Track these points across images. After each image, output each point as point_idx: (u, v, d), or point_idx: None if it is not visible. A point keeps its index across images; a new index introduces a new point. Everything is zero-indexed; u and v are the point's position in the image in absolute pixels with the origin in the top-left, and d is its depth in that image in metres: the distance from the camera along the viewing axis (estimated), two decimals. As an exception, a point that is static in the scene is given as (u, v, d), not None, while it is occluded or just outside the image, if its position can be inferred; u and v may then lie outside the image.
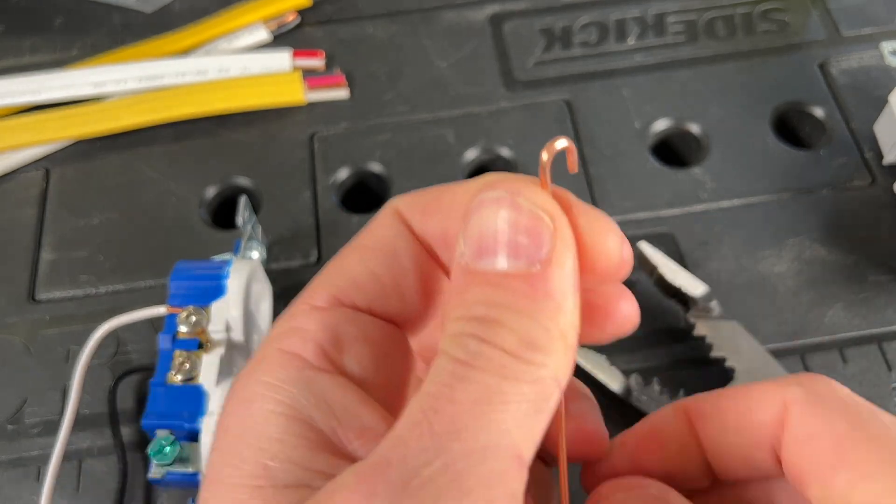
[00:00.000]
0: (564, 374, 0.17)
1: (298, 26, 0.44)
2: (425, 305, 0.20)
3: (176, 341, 0.29)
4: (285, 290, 0.35)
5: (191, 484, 0.29)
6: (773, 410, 0.19)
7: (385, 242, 0.20)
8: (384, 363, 0.19)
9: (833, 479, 0.17)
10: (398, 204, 0.20)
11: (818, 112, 0.39)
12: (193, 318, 0.29)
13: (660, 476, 0.20)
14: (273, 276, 0.36)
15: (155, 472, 0.28)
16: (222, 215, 0.39)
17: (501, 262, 0.17)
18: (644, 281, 0.34)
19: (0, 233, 0.38)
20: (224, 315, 0.30)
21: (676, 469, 0.20)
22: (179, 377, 0.28)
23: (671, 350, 0.33)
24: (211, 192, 0.39)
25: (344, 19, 0.44)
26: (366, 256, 0.19)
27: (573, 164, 0.19)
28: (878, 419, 0.18)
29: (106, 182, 0.39)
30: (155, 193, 0.38)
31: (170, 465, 0.28)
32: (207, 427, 0.28)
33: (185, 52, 0.43)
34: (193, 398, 0.28)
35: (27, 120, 0.40)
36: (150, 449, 0.28)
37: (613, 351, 0.33)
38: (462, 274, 0.17)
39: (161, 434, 0.28)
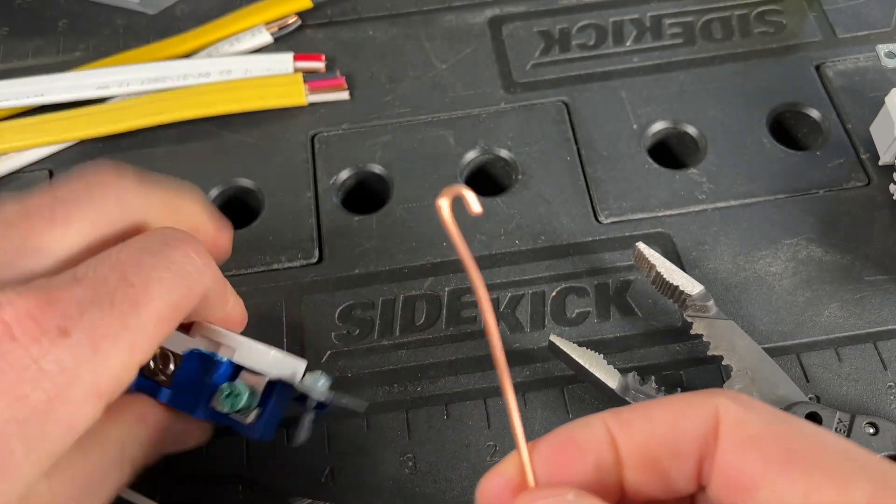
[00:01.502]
0: None
1: (299, 28, 0.44)
2: None
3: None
4: (286, 290, 0.36)
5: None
6: (705, 417, 0.19)
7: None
8: None
9: (787, 479, 0.17)
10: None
11: (814, 113, 0.40)
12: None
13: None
14: (273, 276, 0.36)
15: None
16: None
17: None
18: (641, 280, 0.35)
19: (4, 233, 0.38)
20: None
21: (589, 485, 0.19)
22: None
23: (668, 349, 0.33)
24: (213, 193, 0.39)
25: (344, 21, 0.45)
26: None
27: (472, 207, 0.20)
28: (807, 424, 0.18)
29: (109, 183, 0.39)
30: (157, 194, 0.39)
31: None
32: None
33: (188, 54, 0.43)
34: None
35: (31, 121, 0.41)
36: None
37: (611, 349, 0.33)
38: None
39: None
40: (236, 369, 0.27)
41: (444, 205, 0.19)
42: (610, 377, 0.31)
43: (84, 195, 0.24)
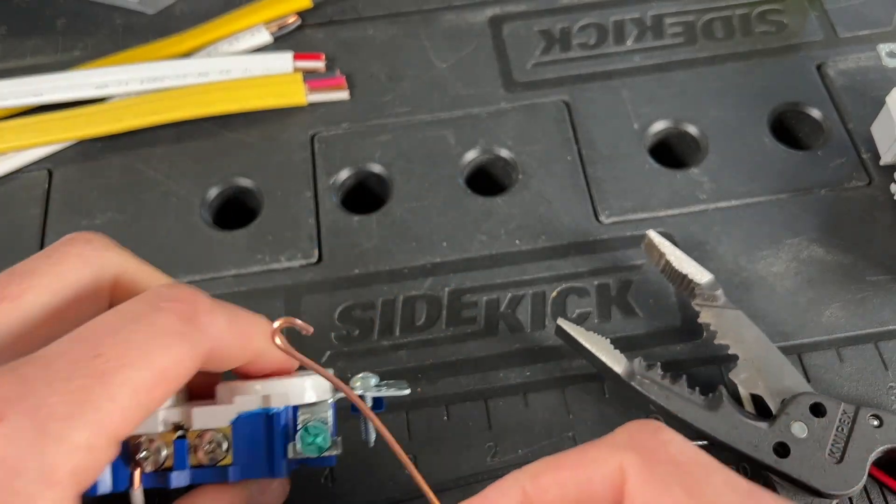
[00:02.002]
0: None
1: (299, 28, 0.44)
2: None
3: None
4: (285, 290, 0.35)
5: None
6: (611, 478, 0.19)
7: None
8: None
9: None
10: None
11: (815, 113, 0.39)
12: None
13: None
14: (273, 276, 0.36)
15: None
16: (223, 216, 0.39)
17: None
18: (651, 268, 0.35)
19: (3, 233, 0.38)
20: None
21: None
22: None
23: (669, 349, 0.33)
24: (212, 192, 0.39)
25: (344, 21, 0.45)
26: None
27: (305, 329, 0.22)
28: (712, 484, 0.18)
29: (108, 183, 0.39)
30: (157, 194, 0.39)
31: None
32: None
33: (187, 53, 0.43)
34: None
35: (30, 121, 0.40)
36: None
37: (618, 333, 0.33)
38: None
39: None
40: (293, 410, 0.25)
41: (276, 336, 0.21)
42: (616, 362, 0.30)
43: (42, 264, 0.22)
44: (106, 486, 0.22)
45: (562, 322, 0.31)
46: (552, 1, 0.44)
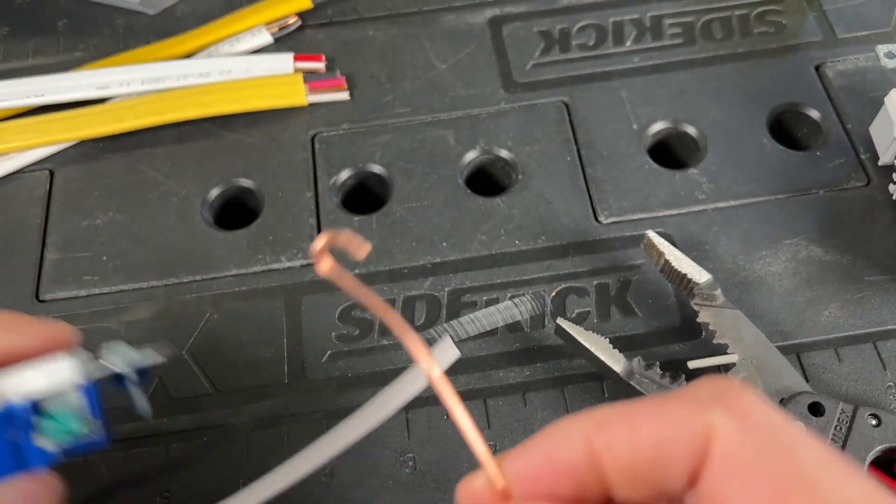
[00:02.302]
0: None
1: (300, 29, 0.44)
2: None
3: None
4: (286, 290, 0.36)
5: None
6: (695, 438, 0.17)
7: None
8: None
9: None
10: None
11: (814, 113, 0.40)
12: None
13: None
14: (273, 276, 0.36)
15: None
16: (224, 216, 0.39)
17: None
18: (650, 268, 0.35)
19: (5, 233, 0.38)
20: None
21: (572, 495, 0.18)
22: None
23: (668, 349, 0.33)
24: (213, 192, 0.39)
25: (344, 22, 0.45)
26: None
27: (358, 249, 0.18)
28: (810, 455, 0.17)
29: (109, 183, 0.39)
30: (158, 194, 0.39)
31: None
32: None
33: (188, 54, 0.43)
34: None
35: (31, 121, 0.41)
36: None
37: (617, 333, 0.33)
38: None
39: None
40: (33, 404, 0.23)
41: (322, 258, 0.17)
42: (615, 361, 0.31)
43: None
44: None
45: (561, 322, 0.31)
46: (552, 2, 0.45)
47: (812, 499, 0.16)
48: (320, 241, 0.18)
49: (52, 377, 0.23)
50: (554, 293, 0.35)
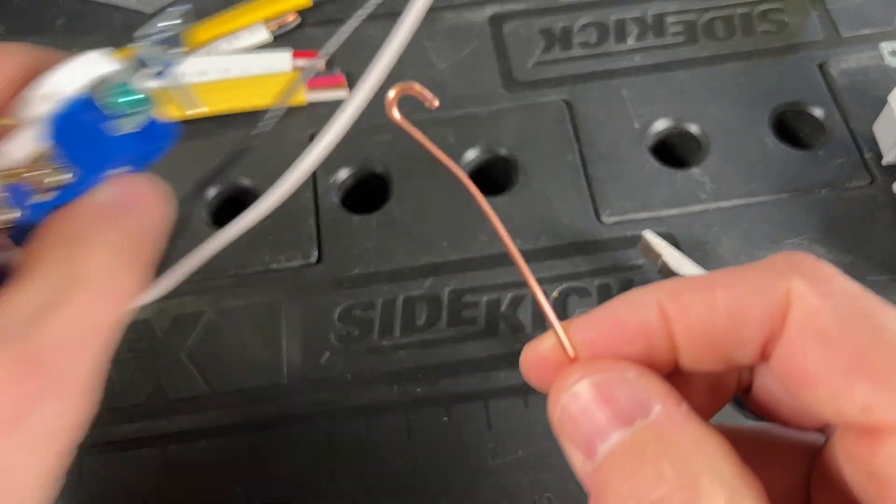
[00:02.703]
0: None
1: (299, 27, 0.44)
2: None
3: None
4: (285, 290, 0.35)
5: None
6: (773, 304, 0.16)
7: None
8: None
9: (850, 386, 0.15)
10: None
11: (817, 112, 0.39)
12: None
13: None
14: (273, 276, 0.36)
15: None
16: (222, 215, 0.39)
17: None
18: (644, 272, 0.35)
19: (2, 233, 0.38)
20: None
21: (641, 361, 0.18)
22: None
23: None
24: (212, 191, 0.39)
25: (344, 20, 0.44)
26: None
27: (430, 99, 0.19)
28: (893, 318, 0.16)
29: (107, 182, 0.39)
30: (156, 194, 0.39)
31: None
32: None
33: (186, 52, 0.43)
34: None
35: (29, 120, 0.40)
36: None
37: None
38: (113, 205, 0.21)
39: None
40: (86, 98, 0.21)
41: (393, 107, 0.19)
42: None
43: None
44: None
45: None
46: None
47: (888, 374, 0.15)
48: (393, 91, 0.20)
49: (89, 66, 0.22)
50: (555, 293, 0.35)
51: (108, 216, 0.21)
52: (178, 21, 0.23)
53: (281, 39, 0.44)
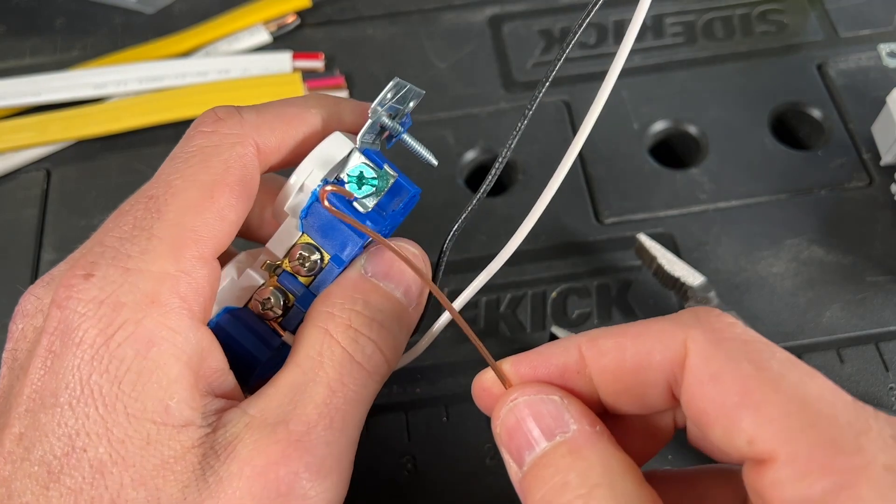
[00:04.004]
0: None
1: (298, 27, 0.44)
2: None
3: None
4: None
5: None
6: (673, 351, 0.19)
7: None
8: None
9: (737, 422, 0.17)
10: None
11: (816, 113, 0.39)
12: None
13: None
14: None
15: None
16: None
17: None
18: (643, 272, 0.35)
19: (1, 233, 0.38)
20: None
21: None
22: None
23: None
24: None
25: (344, 20, 0.44)
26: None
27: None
28: (776, 359, 0.18)
29: (107, 182, 0.39)
30: (155, 194, 0.39)
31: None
32: None
33: (186, 53, 0.43)
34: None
35: (28, 121, 0.40)
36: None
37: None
38: (363, 280, 0.23)
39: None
40: (335, 180, 0.24)
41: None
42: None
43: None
44: (260, 359, 0.24)
45: (556, 330, 0.31)
46: (552, 0, 0.44)
47: (775, 393, 0.17)
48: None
49: (335, 147, 0.24)
50: (555, 293, 0.35)
51: (359, 290, 0.23)
52: (406, 89, 0.25)
53: (280, 40, 0.44)
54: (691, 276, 0.32)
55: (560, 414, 0.19)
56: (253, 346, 0.23)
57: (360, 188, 0.24)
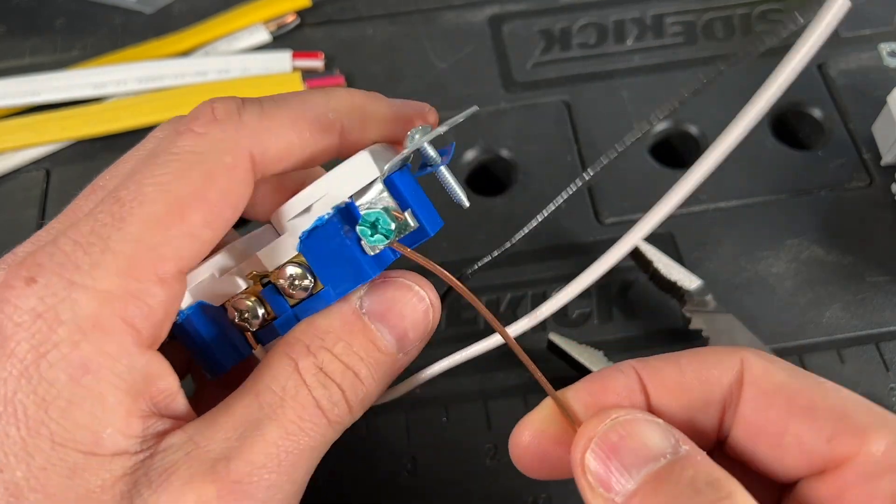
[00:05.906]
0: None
1: (298, 27, 0.44)
2: None
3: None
4: (285, 290, 0.35)
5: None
6: (731, 367, 0.20)
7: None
8: None
9: (811, 425, 0.18)
10: None
11: (816, 113, 0.39)
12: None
13: None
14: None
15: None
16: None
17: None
18: (643, 281, 0.35)
19: (1, 233, 0.38)
20: None
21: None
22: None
23: (668, 346, 0.33)
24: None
25: (343, 20, 0.44)
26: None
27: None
28: (826, 382, 0.20)
29: (106, 183, 0.39)
30: (155, 194, 0.38)
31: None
32: None
33: (186, 53, 0.43)
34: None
35: (28, 120, 0.40)
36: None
37: (613, 350, 0.33)
38: (356, 318, 0.22)
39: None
40: (350, 206, 0.22)
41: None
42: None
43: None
44: (225, 366, 0.22)
45: (553, 336, 0.31)
46: (552, 0, 0.44)
47: (842, 397, 0.19)
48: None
49: (359, 172, 0.22)
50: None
51: (346, 329, 0.21)
52: (444, 130, 0.23)
53: (280, 40, 0.44)
54: (688, 280, 0.32)
55: (667, 434, 0.19)
56: (220, 352, 0.22)
57: (372, 235, 0.21)
